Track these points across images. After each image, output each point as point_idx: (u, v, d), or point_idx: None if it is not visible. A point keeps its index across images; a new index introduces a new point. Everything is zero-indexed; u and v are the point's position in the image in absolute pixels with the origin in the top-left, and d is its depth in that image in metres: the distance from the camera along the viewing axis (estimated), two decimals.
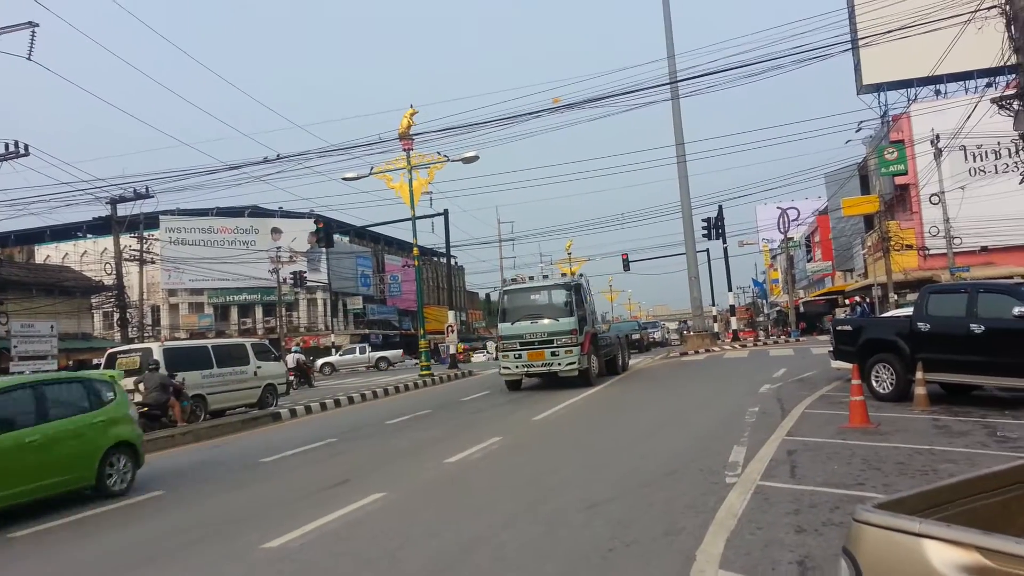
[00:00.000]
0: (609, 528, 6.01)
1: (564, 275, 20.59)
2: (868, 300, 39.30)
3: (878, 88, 46.16)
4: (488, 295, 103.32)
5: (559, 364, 17.97)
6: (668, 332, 62.78)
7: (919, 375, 11.36)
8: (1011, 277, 27.68)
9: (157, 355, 16.79)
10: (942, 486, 2.49)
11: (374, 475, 9.30)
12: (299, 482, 9.30)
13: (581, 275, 24.70)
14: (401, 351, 52.14)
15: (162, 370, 15.95)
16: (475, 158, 24.79)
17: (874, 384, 12.32)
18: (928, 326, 11.66)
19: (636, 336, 38.97)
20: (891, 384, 12.17)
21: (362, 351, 50.32)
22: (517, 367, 18.48)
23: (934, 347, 11.48)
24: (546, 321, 18.27)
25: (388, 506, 7.49)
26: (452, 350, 32.62)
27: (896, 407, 11.41)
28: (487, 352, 47.90)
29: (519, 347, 18.35)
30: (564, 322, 18.10)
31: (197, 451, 13.30)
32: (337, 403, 19.66)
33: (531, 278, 21.94)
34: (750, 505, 6.29)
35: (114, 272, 34.75)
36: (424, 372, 26.45)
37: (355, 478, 9.11)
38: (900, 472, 7.17)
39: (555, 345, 18.00)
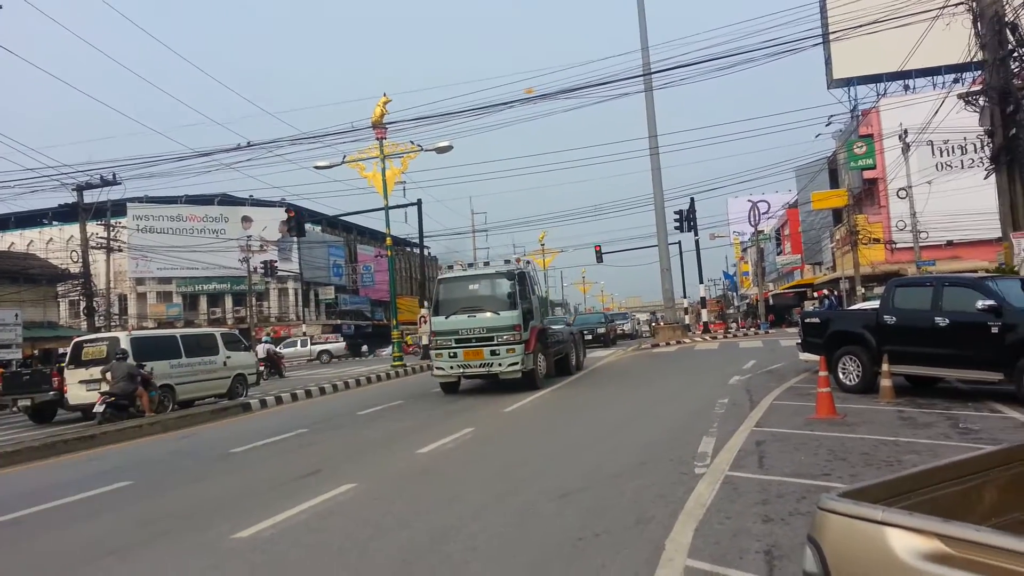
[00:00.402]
0: (579, 518, 6.05)
1: (508, 262, 17.54)
2: (836, 293, 39.90)
3: (848, 83, 46.75)
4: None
5: (500, 364, 15.78)
6: (639, 324, 62.52)
7: (885, 367, 11.55)
8: (976, 271, 28.21)
9: (125, 344, 16.59)
10: (905, 476, 2.55)
11: (345, 466, 9.27)
12: (269, 473, 9.24)
13: (528, 262, 21.38)
14: (344, 343, 51.65)
15: (130, 360, 15.75)
16: (449, 148, 24.71)
17: (841, 376, 12.52)
18: (894, 319, 11.85)
19: (601, 330, 36.96)
20: (857, 376, 12.37)
21: (303, 344, 49.99)
22: (452, 367, 16.23)
23: (900, 340, 11.68)
24: (486, 315, 15.98)
25: (359, 497, 7.47)
26: (424, 341, 32.54)
27: (862, 399, 11.60)
28: None
29: (454, 344, 16.10)
30: (506, 316, 15.84)
31: (165, 441, 13.15)
32: (308, 393, 19.54)
33: (470, 265, 19.63)
34: (719, 495, 6.37)
35: (80, 260, 34.24)
36: (396, 363, 26.39)
37: (326, 469, 9.07)
38: (866, 463, 7.29)
39: (495, 343, 15.81)
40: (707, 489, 6.55)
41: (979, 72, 25.10)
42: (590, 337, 34.40)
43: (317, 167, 26.43)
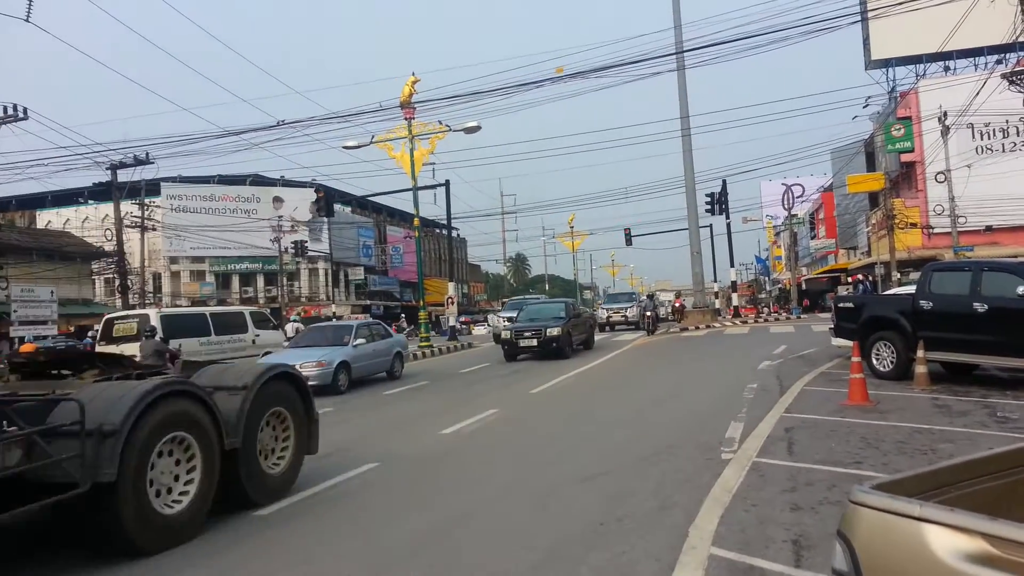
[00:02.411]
0: (602, 502, 5.95)
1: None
2: (871, 278, 39.14)
3: (886, 63, 45.63)
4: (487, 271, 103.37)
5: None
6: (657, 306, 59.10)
7: (920, 354, 11.26)
8: (1016, 257, 27.49)
9: (154, 321, 16.75)
10: (943, 467, 2.38)
11: (368, 446, 9.24)
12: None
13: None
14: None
15: (159, 336, 15.88)
16: (477, 128, 24.54)
17: (874, 362, 12.23)
18: (930, 304, 11.52)
19: (630, 312, 33.71)
20: (891, 362, 12.07)
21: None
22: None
23: (936, 326, 11.36)
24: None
25: (380, 478, 7.43)
26: (452, 322, 32.58)
27: (896, 385, 11.33)
28: (488, 325, 47.22)
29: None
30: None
31: None
32: None
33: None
34: (745, 482, 6.22)
35: (115, 238, 34.68)
36: (423, 344, 26.43)
37: (352, 447, 9.05)
38: (899, 451, 7.09)
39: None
40: (734, 475, 6.41)
41: (1023, 53, 24.36)
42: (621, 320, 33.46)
43: (346, 147, 26.44)
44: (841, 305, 13.90)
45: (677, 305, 37.41)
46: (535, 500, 6.19)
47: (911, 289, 14.06)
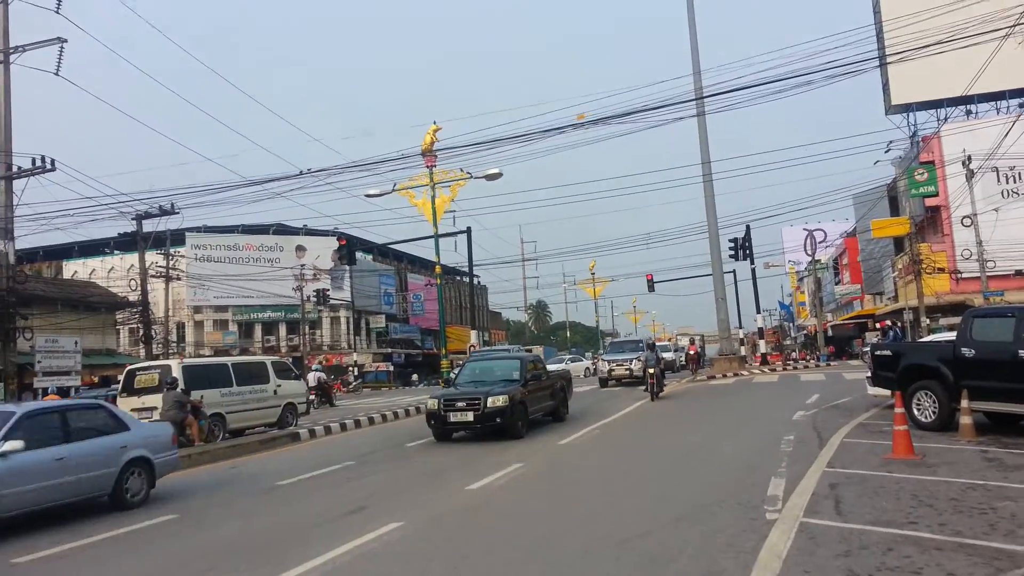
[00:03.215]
0: (641, 568, 5.58)
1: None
2: (899, 324, 38.45)
3: (907, 108, 45.49)
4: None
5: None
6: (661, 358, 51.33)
7: (964, 403, 10.81)
8: None
9: (176, 372, 16.58)
10: None
11: (392, 502, 8.92)
12: (315, 508, 8.92)
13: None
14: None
15: (180, 387, 15.71)
16: (498, 175, 24.53)
17: (916, 412, 11.76)
18: (973, 352, 11.10)
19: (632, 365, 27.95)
20: (934, 412, 11.61)
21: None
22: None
23: (979, 374, 10.92)
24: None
25: (405, 538, 7.09)
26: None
27: (940, 437, 10.86)
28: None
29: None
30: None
31: (213, 472, 12.99)
32: (358, 423, 19.33)
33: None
34: (795, 544, 5.82)
35: (139, 288, 34.90)
36: None
37: (372, 505, 8.72)
38: (955, 509, 6.66)
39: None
40: (781, 538, 6.01)
41: None
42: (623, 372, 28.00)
43: (368, 195, 26.49)
44: (878, 353, 13.45)
45: (692, 352, 33.88)
46: (568, 566, 5.83)
47: (948, 336, 13.62)
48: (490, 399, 13.92)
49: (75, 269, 59.26)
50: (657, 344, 51.15)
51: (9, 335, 26.59)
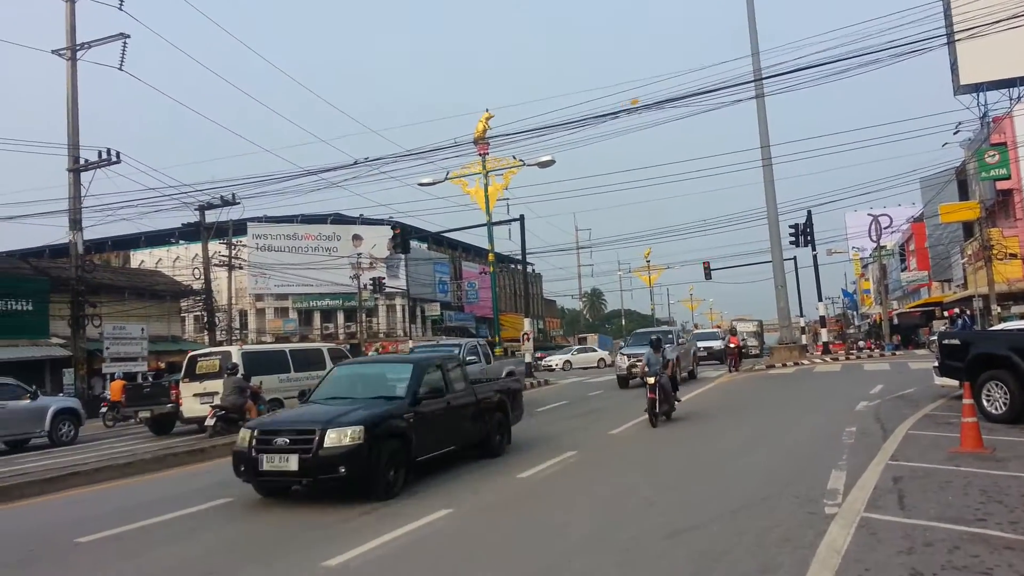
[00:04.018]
0: (692, 561, 5.44)
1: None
2: (968, 312, 37.07)
3: (977, 88, 43.72)
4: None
5: None
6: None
7: None
8: None
9: (236, 358, 16.94)
10: None
11: (441, 489, 8.91)
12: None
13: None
14: None
15: (240, 373, 16.04)
16: (551, 162, 24.37)
17: (985, 403, 11.29)
18: None
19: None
20: (1004, 404, 11.12)
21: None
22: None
23: None
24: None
25: (454, 525, 7.07)
26: (528, 358, 32.21)
27: (1011, 430, 10.39)
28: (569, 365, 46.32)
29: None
30: None
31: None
32: None
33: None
34: (855, 540, 5.60)
35: (203, 277, 35.82)
36: None
37: (422, 492, 8.73)
38: None
39: None
40: (841, 533, 5.79)
41: None
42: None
43: (421, 184, 26.64)
44: (946, 342, 12.95)
45: (732, 345, 29.00)
46: (619, 556, 5.71)
47: (1020, 324, 13.04)
48: (331, 433, 8.23)
49: (142, 259, 61.14)
50: (698, 331, 47.04)
51: (79, 322, 27.59)
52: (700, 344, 33.90)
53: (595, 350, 49.59)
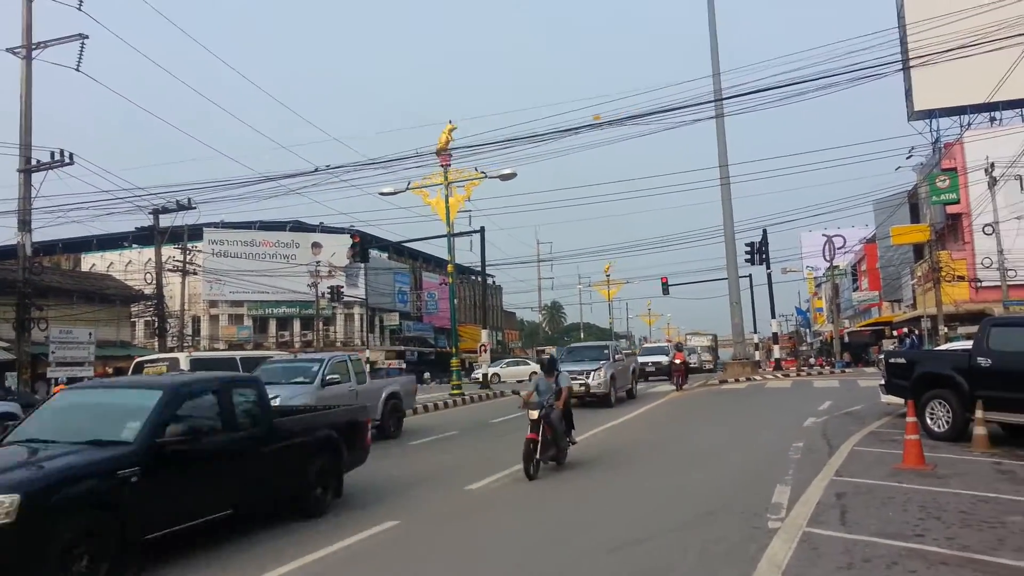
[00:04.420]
0: None
1: None
2: (917, 332, 37.95)
3: (930, 114, 44.97)
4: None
5: None
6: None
7: (979, 414, 10.57)
8: None
9: (184, 365, 16.61)
10: None
11: (390, 500, 8.80)
12: None
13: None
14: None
15: None
16: (512, 175, 24.41)
17: (928, 422, 11.53)
18: (989, 361, 10.86)
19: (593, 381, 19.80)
20: (947, 422, 11.37)
21: None
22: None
23: (996, 384, 10.68)
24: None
25: (400, 537, 6.98)
26: (484, 369, 32.11)
27: (953, 447, 10.62)
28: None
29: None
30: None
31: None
32: None
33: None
34: (796, 555, 5.66)
35: (155, 282, 35.10)
36: (455, 391, 26.03)
37: (370, 503, 8.62)
38: (964, 523, 6.47)
39: None
40: (783, 548, 5.84)
41: None
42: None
43: (383, 193, 26.45)
44: (892, 361, 13.21)
45: (677, 361, 26.54)
46: (562, 572, 5.69)
47: (965, 344, 13.35)
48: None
49: (93, 262, 59.79)
50: (647, 346, 44.25)
51: (24, 325, 26.79)
52: (648, 359, 33.44)
53: (527, 363, 44.88)
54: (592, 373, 19.60)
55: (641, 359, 33.43)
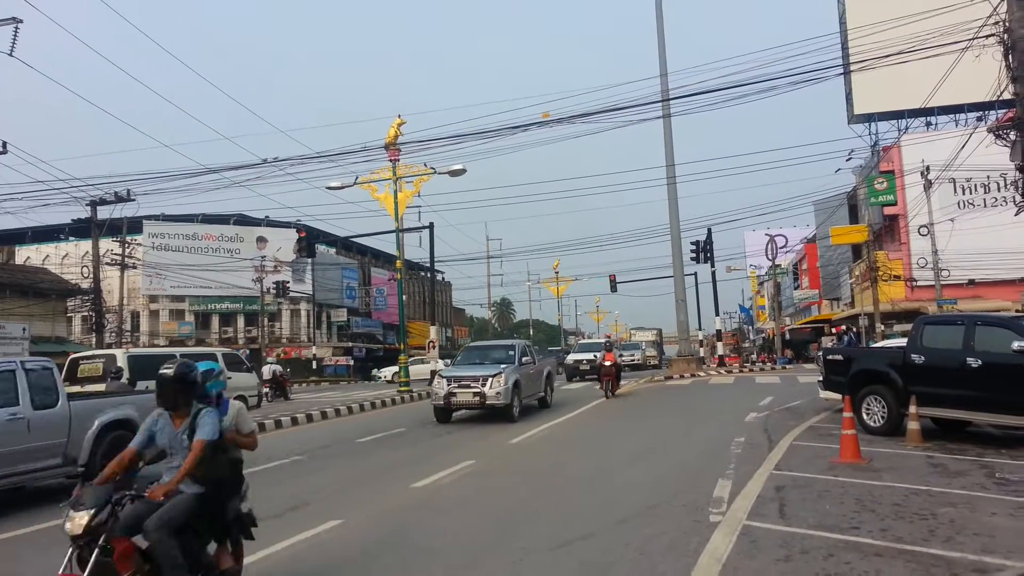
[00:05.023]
0: (580, 572, 5.46)
1: None
2: (855, 330, 39.03)
3: (869, 118, 46.26)
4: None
5: None
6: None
7: (912, 409, 10.90)
8: (999, 310, 27.43)
9: (121, 362, 16.15)
10: None
11: (335, 499, 8.71)
12: (255, 504, 8.64)
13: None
14: None
15: (125, 378, 15.29)
16: (462, 171, 24.32)
17: (865, 417, 11.85)
18: (922, 358, 11.22)
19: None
20: (883, 417, 11.71)
21: None
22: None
23: (928, 380, 11.04)
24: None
25: (342, 536, 6.89)
26: (433, 366, 31.94)
27: (888, 442, 10.93)
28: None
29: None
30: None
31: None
32: (309, 418, 19.01)
33: None
34: (736, 548, 5.76)
35: (92, 276, 34.06)
36: (403, 388, 25.86)
37: (314, 502, 8.51)
38: (897, 515, 6.66)
39: None
40: (723, 541, 5.94)
41: (1004, 110, 24.72)
42: None
43: (330, 187, 26.11)
44: (830, 358, 13.55)
45: (608, 363, 21.60)
46: (506, 569, 5.69)
47: (900, 342, 13.77)
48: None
49: (28, 255, 57.79)
50: (582, 342, 40.79)
51: None
52: (583, 357, 31.37)
53: (426, 362, 39.50)
54: (490, 380, 15.99)
55: (574, 357, 32.42)
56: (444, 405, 16.45)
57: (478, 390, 16.08)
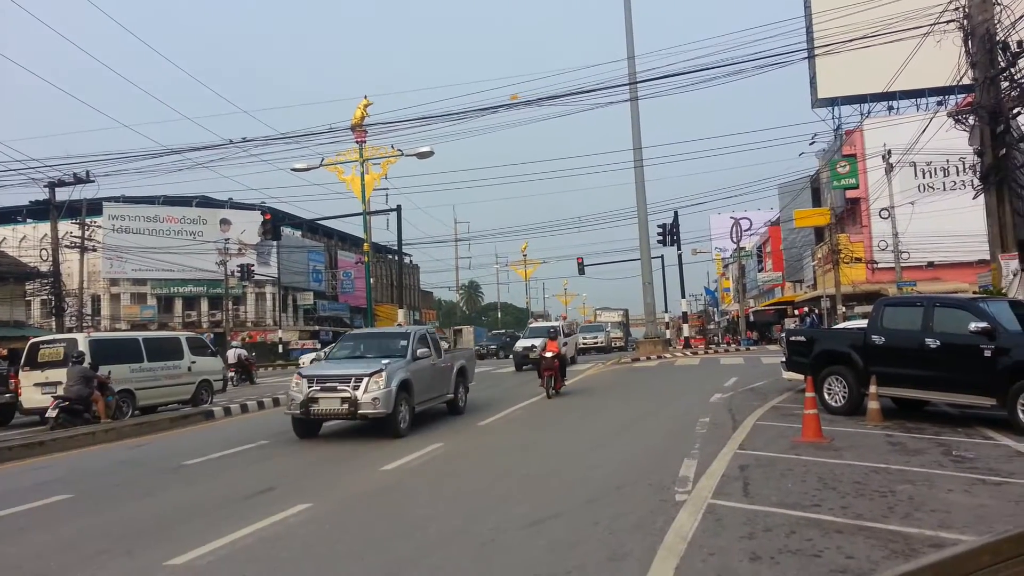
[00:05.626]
0: (549, 551, 5.52)
1: None
2: (817, 311, 39.69)
3: (832, 102, 46.83)
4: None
5: None
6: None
7: (872, 389, 11.14)
8: (956, 292, 28.05)
9: (82, 346, 15.89)
10: (959, 555, 1.87)
11: (302, 483, 8.68)
12: (220, 489, 8.62)
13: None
14: None
15: (87, 362, 15.04)
16: (430, 153, 24.19)
17: (826, 397, 12.09)
18: (883, 339, 11.45)
19: None
20: (844, 397, 11.95)
21: None
22: None
23: (888, 361, 11.28)
24: None
25: (312, 520, 6.88)
26: None
27: (849, 421, 11.17)
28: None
29: None
30: None
31: (118, 450, 12.46)
32: (276, 402, 18.83)
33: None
34: (701, 526, 5.85)
35: (51, 259, 33.33)
36: None
37: (281, 486, 8.47)
38: (857, 492, 6.82)
39: None
40: (688, 519, 6.04)
41: (963, 95, 25.18)
42: None
43: (295, 169, 25.83)
44: (793, 339, 13.77)
45: (550, 354, 17.29)
46: (477, 548, 5.72)
47: (861, 323, 14.02)
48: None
49: None
50: (533, 325, 33.73)
51: None
52: (531, 343, 26.17)
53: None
54: (365, 380, 11.64)
55: (522, 343, 27.94)
56: (302, 414, 11.94)
57: (348, 395, 11.58)
